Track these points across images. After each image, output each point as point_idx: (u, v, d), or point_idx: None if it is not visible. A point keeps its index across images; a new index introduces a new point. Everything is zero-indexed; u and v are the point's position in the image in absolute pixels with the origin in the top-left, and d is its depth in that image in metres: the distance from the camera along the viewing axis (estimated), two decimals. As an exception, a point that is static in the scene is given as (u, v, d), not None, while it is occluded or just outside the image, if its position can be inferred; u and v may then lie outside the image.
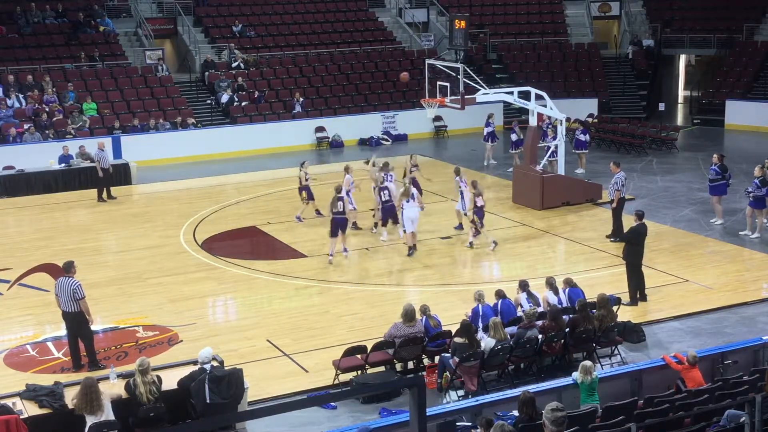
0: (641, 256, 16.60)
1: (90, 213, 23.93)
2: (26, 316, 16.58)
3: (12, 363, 14.46)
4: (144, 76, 32.85)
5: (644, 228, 16.65)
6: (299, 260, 19.43)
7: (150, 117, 30.67)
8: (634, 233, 16.62)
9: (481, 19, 39.42)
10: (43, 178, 26.02)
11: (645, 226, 16.69)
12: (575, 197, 23.12)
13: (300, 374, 13.84)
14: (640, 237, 16.56)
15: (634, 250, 16.51)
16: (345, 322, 15.84)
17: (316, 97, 33.98)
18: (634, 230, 16.64)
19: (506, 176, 26.01)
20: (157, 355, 14.28)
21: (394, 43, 38.12)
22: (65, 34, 33.61)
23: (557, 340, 13.66)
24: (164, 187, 26.88)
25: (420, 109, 26.94)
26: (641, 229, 16.57)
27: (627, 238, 16.90)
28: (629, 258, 16.53)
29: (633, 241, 16.60)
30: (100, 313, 16.50)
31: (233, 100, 32.61)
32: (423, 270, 18.80)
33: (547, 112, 23.95)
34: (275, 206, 23.96)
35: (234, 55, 34.44)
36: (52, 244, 20.64)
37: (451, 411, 10.96)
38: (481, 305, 14.25)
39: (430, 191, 25.05)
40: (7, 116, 29.22)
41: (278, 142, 31.38)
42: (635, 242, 16.56)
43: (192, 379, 11.78)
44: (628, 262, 16.55)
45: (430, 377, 13.40)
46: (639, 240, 16.56)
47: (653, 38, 39.43)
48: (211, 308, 17.11)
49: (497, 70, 37.32)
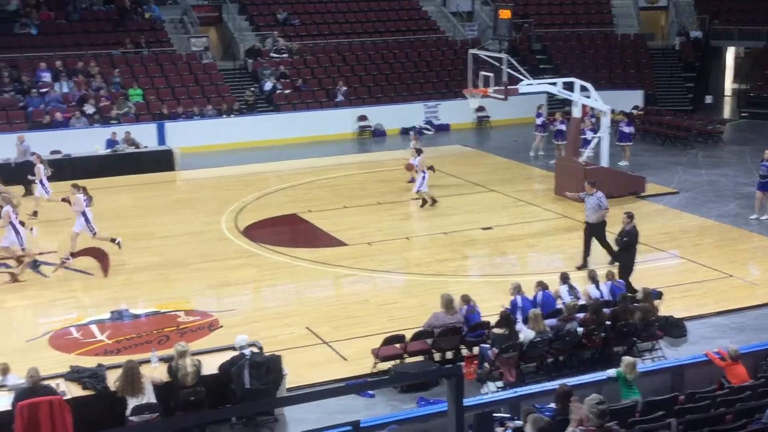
0: (634, 258, 16.41)
1: (134, 198, 24.19)
2: (70, 299, 16.84)
3: (57, 345, 14.68)
4: (189, 63, 33.10)
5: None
6: (339, 248, 19.47)
7: (194, 104, 30.93)
8: (634, 235, 16.33)
9: (525, 9, 39.14)
10: (88, 163, 26.33)
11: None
12: (618, 190, 22.84)
13: (338, 362, 13.89)
14: (637, 238, 16.41)
15: (631, 254, 16.30)
16: (384, 311, 15.85)
17: (358, 86, 33.99)
18: (633, 232, 16.32)
19: (550, 168, 25.83)
20: (198, 340, 14.41)
21: (438, 32, 37.99)
22: (112, 20, 33.97)
23: (597, 334, 13.55)
24: (207, 173, 27.09)
25: (462, 99, 26.83)
26: (636, 229, 16.38)
27: (629, 242, 16.38)
28: (625, 261, 16.19)
29: (633, 243, 16.32)
30: (142, 298, 16.73)
31: (276, 88, 32.74)
32: (463, 260, 18.75)
33: (591, 104, 23.72)
34: (316, 194, 24.03)
35: (277, 43, 34.56)
36: (96, 228, 20.85)
37: (489, 402, 10.93)
38: (519, 297, 14.18)
39: (472, 181, 25.00)
40: (54, 101, 29.62)
41: (320, 130, 31.43)
42: (633, 244, 16.33)
43: (232, 364, 11.88)
44: (623, 265, 16.15)
45: (468, 368, 13.36)
46: (636, 241, 16.39)
47: (701, 29, 38.87)
48: (251, 295, 17.22)
49: (541, 60, 37.05)
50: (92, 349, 14.43)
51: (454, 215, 21.72)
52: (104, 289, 17.21)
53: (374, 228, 21.20)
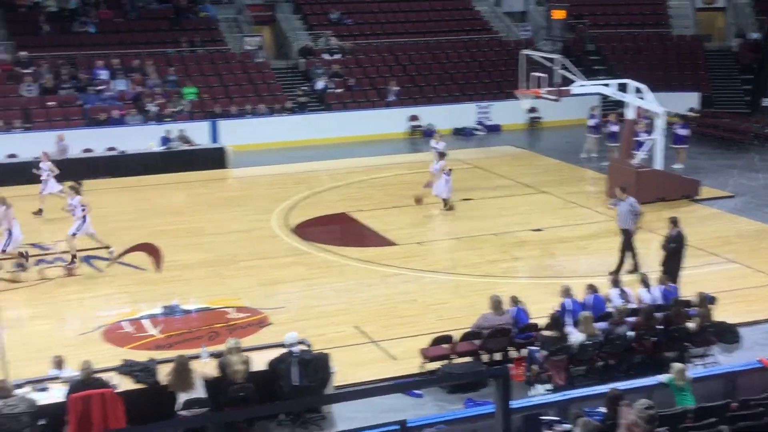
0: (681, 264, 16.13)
1: (186, 195, 24.49)
2: (123, 294, 17.09)
3: (110, 338, 14.92)
4: (242, 61, 33.41)
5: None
6: (389, 248, 19.49)
7: (246, 102, 31.20)
8: (681, 240, 16.07)
9: (580, 10, 38.75)
10: (142, 160, 26.71)
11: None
12: (671, 193, 22.54)
13: (386, 361, 13.91)
14: (684, 243, 16.15)
15: (678, 260, 16.01)
16: (433, 311, 15.84)
17: (410, 86, 33.99)
18: (679, 237, 16.06)
19: (603, 170, 25.56)
20: (247, 337, 14.52)
21: (491, 32, 37.83)
22: (168, 19, 34.42)
23: (648, 338, 13.38)
24: (258, 171, 27.32)
25: (514, 99, 26.69)
26: (682, 234, 16.13)
27: (677, 247, 16.10)
28: (672, 267, 15.87)
29: (680, 249, 16.04)
30: (193, 293, 16.92)
31: (328, 87, 32.88)
32: (513, 261, 18.66)
33: (645, 105, 23.42)
34: (366, 193, 24.09)
35: (330, 42, 34.71)
36: (149, 225, 21.19)
37: (537, 405, 10.86)
38: (569, 300, 14.06)
39: (523, 183, 24.87)
40: (111, 98, 30.11)
41: (371, 129, 31.50)
42: (681, 249, 16.06)
43: (281, 362, 11.96)
44: (669, 271, 15.77)
45: (517, 369, 13.29)
46: (683, 246, 16.14)
47: (760, 31, 38.13)
48: (300, 293, 17.30)
49: (595, 61, 36.68)
50: (144, 344, 14.64)
51: (504, 216, 21.61)
52: (156, 284, 17.44)
53: (424, 228, 21.20)
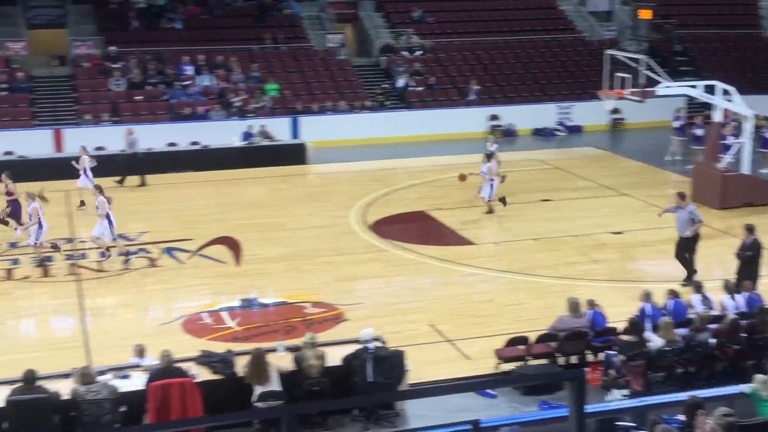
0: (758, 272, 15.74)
1: (267, 190, 24.81)
2: (203, 286, 17.41)
3: (189, 329, 15.22)
4: (324, 59, 33.68)
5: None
6: (467, 247, 19.44)
7: (328, 99, 31.45)
8: (757, 248, 15.71)
9: (667, 9, 37.93)
10: (225, 155, 27.15)
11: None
12: (759, 198, 21.95)
13: (461, 360, 13.87)
14: (761, 251, 15.77)
15: (755, 268, 15.63)
16: (509, 312, 15.74)
17: (491, 85, 33.79)
18: (755, 245, 15.68)
19: (687, 173, 25.01)
20: (323, 332, 14.63)
21: (575, 32, 37.36)
22: (252, 16, 34.91)
23: (731, 346, 13.06)
24: (337, 168, 27.50)
25: (597, 100, 26.31)
26: (759, 242, 15.75)
27: (753, 255, 15.69)
28: (748, 276, 15.40)
29: (756, 257, 15.65)
30: (271, 287, 17.14)
31: (409, 85, 32.92)
32: (591, 264, 18.41)
33: (733, 108, 22.85)
34: (445, 192, 24.04)
35: (411, 40, 34.74)
36: (229, 218, 21.52)
37: (613, 410, 10.71)
38: (648, 305, 13.81)
39: (604, 185, 24.54)
40: (196, 94, 30.69)
41: (451, 128, 31.40)
42: (757, 258, 15.66)
43: (356, 358, 12.03)
44: (744, 278, 15.23)
45: (594, 374, 13.12)
46: (759, 254, 15.76)
47: None
48: (377, 289, 17.37)
49: (682, 62, 35.90)
50: (222, 335, 14.88)
51: (584, 218, 21.33)
52: (236, 277, 17.72)
53: (502, 228, 21.07)
